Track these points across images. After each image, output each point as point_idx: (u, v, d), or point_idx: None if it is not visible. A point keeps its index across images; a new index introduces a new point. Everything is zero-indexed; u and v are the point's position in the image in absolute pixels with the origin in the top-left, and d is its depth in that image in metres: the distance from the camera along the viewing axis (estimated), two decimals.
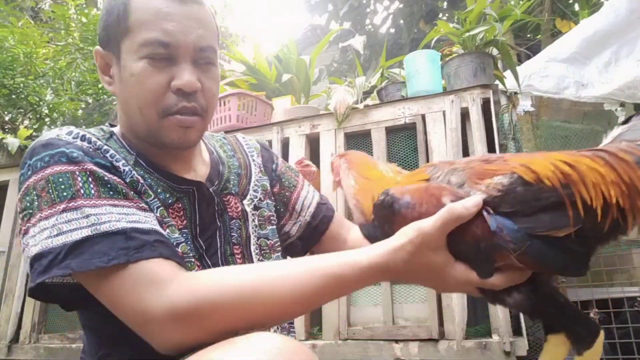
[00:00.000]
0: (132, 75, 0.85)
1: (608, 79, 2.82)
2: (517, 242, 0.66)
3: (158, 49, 0.84)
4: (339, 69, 6.87)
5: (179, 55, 0.85)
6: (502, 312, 1.96)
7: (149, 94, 0.85)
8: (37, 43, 4.05)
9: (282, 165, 1.16)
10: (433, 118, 2.30)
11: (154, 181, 0.89)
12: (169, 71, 0.85)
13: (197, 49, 0.87)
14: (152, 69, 0.84)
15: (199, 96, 0.88)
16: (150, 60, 0.84)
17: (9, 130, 4.02)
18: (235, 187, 1.01)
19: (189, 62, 0.87)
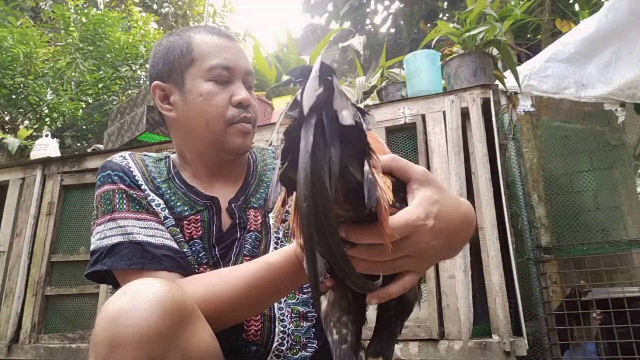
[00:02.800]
0: (200, 95, 1.05)
1: (608, 79, 2.82)
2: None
3: (222, 72, 1.05)
4: (339, 69, 6.87)
5: (235, 77, 1.07)
6: (502, 312, 1.96)
7: (217, 108, 1.04)
8: (37, 43, 4.04)
9: None
10: (433, 118, 2.30)
11: (178, 196, 1.07)
12: (229, 90, 1.06)
13: (246, 73, 1.09)
14: (217, 88, 1.05)
15: (250, 109, 1.08)
16: (215, 82, 1.05)
17: (9, 130, 4.02)
18: (261, 201, 1.10)
19: (241, 82, 1.08)
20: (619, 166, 3.22)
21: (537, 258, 2.44)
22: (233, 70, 1.06)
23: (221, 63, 1.05)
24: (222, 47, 1.07)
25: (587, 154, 3.16)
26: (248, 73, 1.10)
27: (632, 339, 2.25)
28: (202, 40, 1.07)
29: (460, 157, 2.18)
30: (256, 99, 1.13)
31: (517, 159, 2.55)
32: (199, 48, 1.07)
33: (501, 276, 2.01)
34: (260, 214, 1.09)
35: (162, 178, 1.09)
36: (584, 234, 2.79)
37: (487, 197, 2.10)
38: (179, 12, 8.60)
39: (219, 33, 1.10)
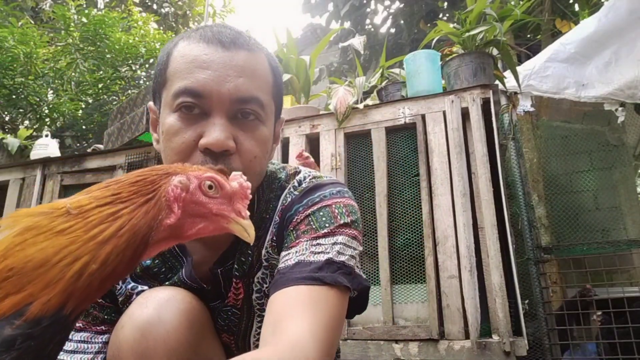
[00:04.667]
0: (163, 132, 0.79)
1: (608, 79, 2.82)
2: None
3: (187, 99, 0.75)
4: (339, 69, 6.87)
5: (212, 107, 0.75)
6: (502, 312, 1.96)
7: (176, 153, 0.76)
8: (37, 43, 4.05)
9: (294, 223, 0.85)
10: (433, 118, 2.30)
11: (165, 258, 0.87)
12: (199, 126, 0.75)
13: (234, 100, 0.75)
14: (180, 124, 0.76)
15: (232, 159, 0.76)
16: (182, 113, 0.76)
17: (9, 130, 4.03)
18: (245, 266, 0.85)
19: (224, 117, 0.76)
20: (619, 166, 3.22)
21: (537, 258, 2.44)
22: (208, 97, 0.75)
23: (188, 87, 0.75)
24: (199, 63, 0.76)
25: (587, 154, 3.16)
26: (242, 100, 0.76)
27: (632, 339, 2.25)
28: (181, 52, 0.79)
29: (461, 157, 2.18)
30: (263, 139, 0.80)
31: (517, 159, 2.55)
32: (174, 64, 0.79)
33: (501, 276, 2.01)
34: (243, 285, 0.85)
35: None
36: (584, 234, 2.79)
37: (487, 197, 2.10)
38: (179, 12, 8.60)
39: (211, 39, 0.78)
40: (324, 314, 0.68)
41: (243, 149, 0.77)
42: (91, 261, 0.45)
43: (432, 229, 2.15)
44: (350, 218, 0.81)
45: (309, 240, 0.78)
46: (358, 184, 2.39)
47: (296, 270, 0.73)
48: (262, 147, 0.80)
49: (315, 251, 0.76)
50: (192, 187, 0.55)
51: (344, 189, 0.87)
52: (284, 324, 0.66)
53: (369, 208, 2.32)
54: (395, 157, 2.35)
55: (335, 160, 2.40)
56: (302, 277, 0.71)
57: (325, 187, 0.85)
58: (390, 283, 2.16)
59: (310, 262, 0.74)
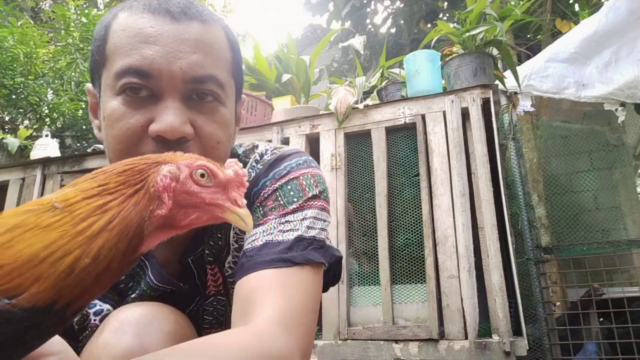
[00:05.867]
0: (105, 118, 0.68)
1: (608, 79, 2.82)
2: None
3: (133, 79, 0.65)
4: (339, 69, 6.88)
5: (163, 88, 0.66)
6: (502, 312, 1.96)
7: (120, 140, 0.66)
8: (37, 43, 4.05)
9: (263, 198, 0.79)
10: (433, 118, 2.30)
11: (137, 277, 0.78)
12: (149, 110, 0.66)
13: (188, 80, 0.66)
14: (125, 108, 0.66)
15: (191, 145, 0.67)
16: (126, 96, 0.66)
17: (9, 130, 4.03)
18: (215, 249, 0.79)
19: (177, 98, 0.66)
20: (619, 166, 3.22)
21: (537, 258, 2.44)
22: (157, 77, 0.65)
23: (132, 65, 0.65)
24: (144, 37, 0.65)
25: (587, 154, 3.16)
26: (197, 80, 0.67)
27: (632, 339, 2.25)
28: (122, 24, 0.68)
29: (461, 157, 2.18)
30: (225, 122, 0.72)
31: (517, 159, 2.55)
32: (115, 38, 0.67)
33: (501, 276, 2.01)
34: (219, 269, 0.79)
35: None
36: (584, 234, 2.80)
37: (487, 197, 2.10)
38: None
39: (157, 9, 0.67)
40: (295, 298, 0.64)
41: (203, 134, 0.68)
42: (83, 255, 0.43)
43: (432, 229, 2.15)
44: (318, 189, 0.77)
45: (277, 218, 0.73)
46: (358, 184, 2.39)
47: (264, 252, 0.68)
48: (224, 131, 0.72)
49: (284, 229, 0.71)
50: (182, 177, 0.52)
51: (309, 158, 0.83)
52: (251, 311, 0.61)
53: (369, 208, 2.33)
54: (395, 157, 2.35)
55: (335, 160, 2.40)
56: (271, 260, 0.67)
57: (290, 157, 0.80)
58: (390, 283, 2.16)
59: (279, 242, 0.69)
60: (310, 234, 0.72)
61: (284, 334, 0.59)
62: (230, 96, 0.75)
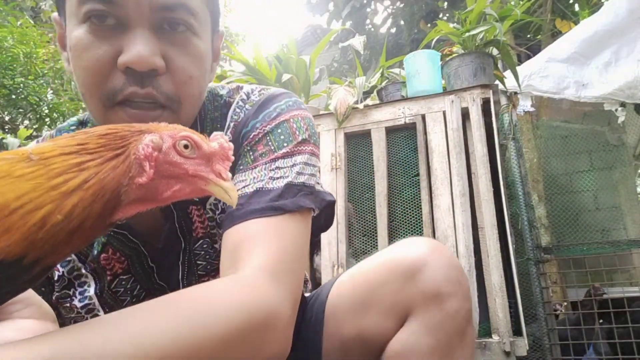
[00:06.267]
0: (71, 48, 0.64)
1: (608, 79, 2.82)
2: None
3: (97, 5, 0.60)
4: (339, 69, 6.88)
5: (131, 17, 0.61)
6: (502, 312, 1.96)
7: (88, 73, 0.63)
8: (37, 43, 4.05)
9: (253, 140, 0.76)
10: (433, 118, 2.30)
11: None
12: (117, 40, 0.62)
13: (157, 7, 0.62)
14: (92, 38, 0.62)
15: (162, 79, 0.64)
16: (92, 24, 0.62)
17: (9, 130, 4.03)
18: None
19: (146, 28, 0.62)
20: (619, 166, 3.22)
21: (537, 258, 2.44)
22: (123, 3, 0.61)
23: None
24: None
25: (587, 154, 3.16)
26: (167, 7, 0.63)
27: (632, 339, 2.25)
28: None
29: (461, 157, 2.18)
30: (198, 54, 0.68)
31: (517, 159, 2.55)
32: None
33: (501, 276, 2.01)
34: (204, 211, 0.77)
35: None
36: (584, 234, 2.80)
37: (487, 197, 2.10)
38: None
39: None
40: (285, 246, 0.62)
41: (175, 67, 0.64)
42: (55, 211, 0.41)
43: (432, 229, 2.15)
44: (307, 132, 0.75)
45: (267, 164, 0.70)
46: (358, 184, 2.39)
47: (254, 200, 0.66)
48: (198, 65, 0.68)
49: (274, 176, 0.69)
50: (165, 147, 0.50)
51: (298, 100, 0.80)
52: (240, 260, 0.60)
53: (369, 208, 2.32)
54: (395, 157, 2.34)
55: (335, 160, 2.40)
56: (262, 209, 0.65)
57: (278, 97, 0.77)
58: None
59: (270, 190, 0.67)
60: (300, 180, 0.70)
61: (273, 284, 0.57)
62: (205, 27, 0.70)
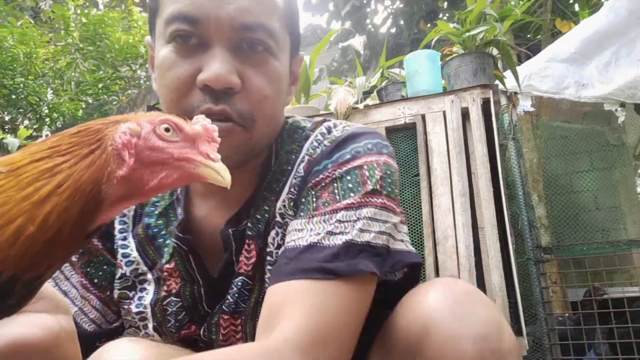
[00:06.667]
0: (157, 67, 0.68)
1: (608, 79, 2.82)
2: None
3: (182, 26, 0.63)
4: (339, 68, 6.87)
5: (212, 36, 0.64)
6: (502, 312, 1.96)
7: (169, 90, 0.66)
8: (37, 43, 4.05)
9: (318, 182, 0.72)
10: (433, 118, 2.30)
11: (169, 231, 0.75)
12: (198, 59, 0.64)
13: (237, 27, 0.63)
14: (175, 57, 0.65)
15: (238, 98, 0.65)
16: (176, 44, 0.65)
17: (9, 130, 4.02)
18: (261, 225, 0.73)
19: (225, 47, 0.64)
20: (619, 166, 3.22)
21: (537, 258, 2.44)
22: (205, 23, 0.63)
23: (182, 11, 0.63)
24: None
25: (587, 154, 3.16)
26: (246, 27, 0.64)
27: (632, 339, 2.25)
28: None
29: (461, 157, 2.18)
30: (275, 75, 0.68)
31: (517, 159, 2.55)
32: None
33: (501, 276, 2.01)
34: (256, 247, 0.72)
35: (160, 208, 0.77)
36: (584, 234, 2.80)
37: (487, 197, 2.10)
38: None
39: None
40: (327, 317, 0.57)
41: (251, 86, 0.65)
42: (27, 223, 0.39)
43: (432, 229, 2.15)
44: (381, 182, 0.68)
45: (328, 215, 0.64)
46: None
47: (306, 256, 0.61)
48: (274, 85, 0.68)
49: (333, 231, 0.63)
50: (144, 132, 0.47)
51: (383, 142, 0.73)
52: (275, 325, 0.57)
53: None
54: (395, 157, 2.34)
55: None
56: (310, 269, 0.60)
57: (359, 137, 0.71)
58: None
59: (325, 247, 0.61)
60: (364, 239, 0.63)
61: (298, 355, 0.54)
62: (283, 50, 0.70)
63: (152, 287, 0.76)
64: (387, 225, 0.66)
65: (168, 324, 0.75)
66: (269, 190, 0.74)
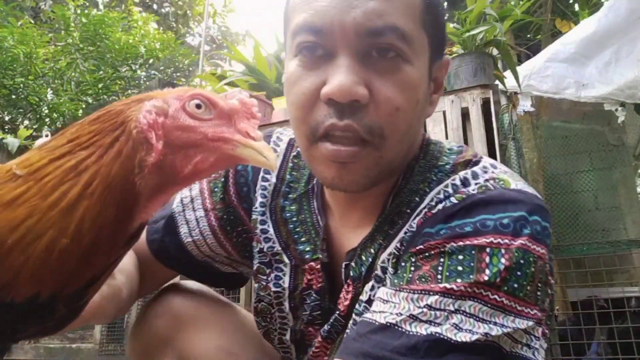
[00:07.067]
0: (284, 83, 0.64)
1: (608, 79, 2.82)
2: None
3: (307, 37, 0.58)
4: None
5: (336, 44, 0.57)
6: None
7: (296, 108, 0.61)
8: (37, 43, 4.05)
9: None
10: (433, 118, 2.30)
11: (306, 226, 0.72)
12: (323, 71, 0.58)
13: (363, 33, 0.56)
14: (301, 71, 0.60)
15: (365, 111, 0.57)
16: (302, 57, 0.60)
17: (9, 130, 4.03)
18: (363, 267, 0.65)
19: (351, 56, 0.57)
20: (619, 166, 3.22)
21: None
22: (329, 31, 0.57)
23: (307, 21, 0.58)
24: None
25: (587, 154, 3.16)
26: (373, 32, 0.56)
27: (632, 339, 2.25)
28: None
29: None
30: (409, 84, 0.59)
31: (517, 159, 2.55)
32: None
33: None
34: (353, 290, 0.66)
35: (295, 193, 0.73)
36: (584, 234, 2.80)
37: None
38: (179, 12, 8.60)
39: None
40: None
41: (380, 97, 0.57)
42: (59, 235, 0.34)
43: None
44: (503, 275, 0.52)
45: (418, 294, 0.53)
46: None
47: (377, 338, 0.51)
48: (407, 95, 0.58)
49: (419, 317, 0.51)
50: (172, 110, 0.41)
51: (530, 218, 0.55)
52: None
53: None
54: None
55: None
56: (378, 357, 0.49)
57: (499, 206, 0.56)
58: None
59: (402, 333, 0.50)
60: (458, 338, 0.49)
61: None
62: (421, 53, 0.60)
63: (288, 271, 0.73)
64: (504, 329, 0.51)
65: (303, 313, 0.73)
66: (381, 230, 0.65)
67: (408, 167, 0.66)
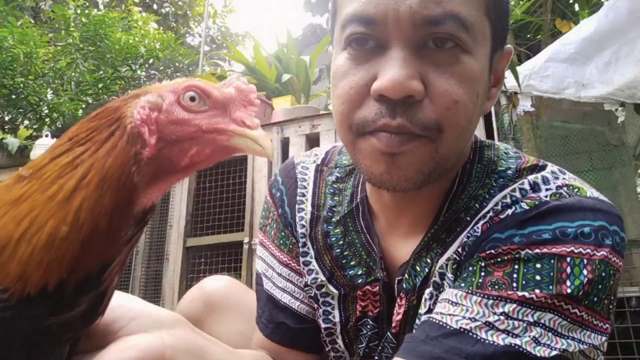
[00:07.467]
0: (331, 76, 0.61)
1: (608, 79, 2.82)
2: None
3: (357, 28, 0.54)
4: None
5: (390, 35, 0.53)
6: None
7: (342, 102, 0.57)
8: (37, 43, 4.05)
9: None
10: None
11: (354, 248, 0.67)
12: (374, 65, 0.55)
13: (419, 22, 0.52)
14: (350, 64, 0.56)
15: (419, 106, 0.53)
16: (352, 50, 0.56)
17: (9, 130, 4.03)
18: (418, 277, 0.62)
19: (405, 47, 0.53)
20: (619, 166, 3.22)
21: None
22: (383, 22, 0.53)
23: (357, 12, 0.54)
24: None
25: (587, 154, 3.16)
26: (431, 21, 0.52)
27: (632, 338, 2.25)
28: None
29: None
30: (468, 76, 0.55)
31: None
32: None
33: None
34: (406, 303, 0.63)
35: (338, 215, 0.69)
36: None
37: None
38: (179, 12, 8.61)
39: None
40: None
41: (436, 91, 0.53)
42: (59, 224, 0.37)
43: None
44: (586, 288, 0.50)
45: (493, 300, 0.50)
46: None
47: (450, 343, 0.49)
48: (466, 87, 0.54)
49: (495, 325, 0.48)
50: (166, 104, 0.41)
51: (611, 227, 0.54)
52: None
53: None
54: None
55: None
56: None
57: (578, 212, 0.53)
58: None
59: (477, 340, 0.48)
60: (538, 353, 0.47)
61: None
62: (482, 42, 0.56)
63: (337, 303, 0.69)
64: (581, 345, 0.49)
65: (359, 345, 0.68)
66: (437, 239, 0.61)
67: (463, 171, 0.62)
